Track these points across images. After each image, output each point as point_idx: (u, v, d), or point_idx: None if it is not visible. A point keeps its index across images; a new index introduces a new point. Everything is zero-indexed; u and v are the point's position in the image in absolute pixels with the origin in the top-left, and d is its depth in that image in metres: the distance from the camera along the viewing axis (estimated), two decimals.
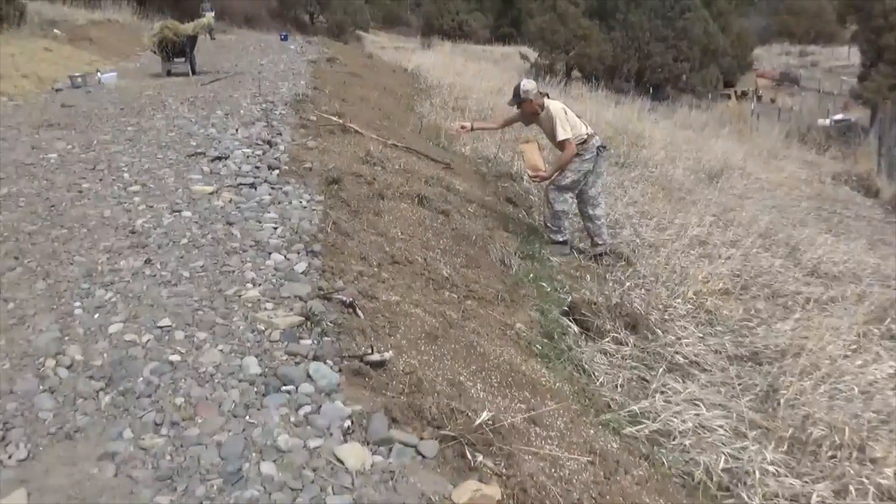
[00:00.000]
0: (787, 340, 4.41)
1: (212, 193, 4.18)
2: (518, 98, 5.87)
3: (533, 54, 29.61)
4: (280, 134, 6.39)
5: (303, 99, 8.45)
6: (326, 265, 3.12)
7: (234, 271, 2.99)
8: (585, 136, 5.88)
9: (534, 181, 6.27)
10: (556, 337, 3.75)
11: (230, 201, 4.04)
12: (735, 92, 37.41)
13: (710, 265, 5.77)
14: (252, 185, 4.41)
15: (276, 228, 3.55)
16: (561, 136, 5.67)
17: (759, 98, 37.84)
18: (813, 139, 17.26)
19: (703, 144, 13.74)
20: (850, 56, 53.28)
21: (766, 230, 7.75)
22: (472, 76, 19.01)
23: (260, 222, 3.65)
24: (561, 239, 5.84)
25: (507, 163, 8.65)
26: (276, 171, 4.96)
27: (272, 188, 4.44)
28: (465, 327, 3.25)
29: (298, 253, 3.21)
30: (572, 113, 5.91)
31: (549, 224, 5.90)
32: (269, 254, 3.18)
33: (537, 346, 3.55)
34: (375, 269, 3.38)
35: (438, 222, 4.79)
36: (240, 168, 4.93)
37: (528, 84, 5.89)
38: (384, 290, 3.09)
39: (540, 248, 5.35)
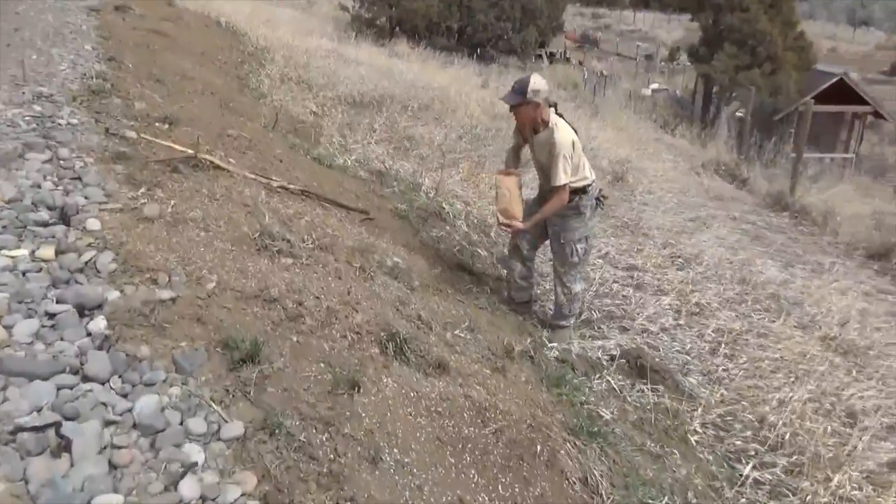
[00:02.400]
0: None
1: None
2: (521, 97, 3.84)
3: (352, 4, 26.53)
4: (81, 181, 3.51)
5: (101, 87, 5.30)
6: None
7: None
8: (590, 183, 3.96)
9: (501, 229, 4.23)
10: None
11: None
12: (546, 53, 37.55)
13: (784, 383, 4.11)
14: (56, 434, 1.73)
15: None
16: (561, 179, 3.88)
17: (567, 60, 38.44)
18: (660, 116, 16.92)
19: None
20: (635, 21, 57.00)
21: (740, 271, 6.38)
22: (303, 34, 15.95)
23: None
24: (573, 322, 4.29)
25: (412, 182, 6.34)
26: (103, 331, 2.26)
27: (105, 449, 1.81)
28: None
29: None
30: (580, 146, 3.92)
31: (565, 311, 4.22)
32: None
33: None
34: None
35: (454, 406, 2.47)
36: (12, 332, 2.15)
37: (540, 82, 3.87)
38: None
39: (587, 414, 3.24)
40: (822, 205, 9.80)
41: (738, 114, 19.26)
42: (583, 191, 4.03)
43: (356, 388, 2.26)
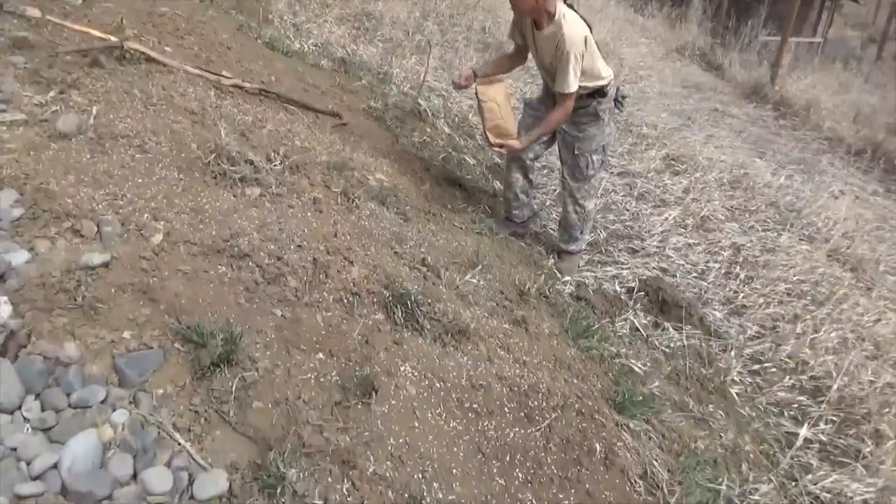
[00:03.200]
0: None
1: None
2: None
3: None
4: None
5: None
6: None
7: None
8: (608, 83, 3.35)
9: (494, 150, 3.52)
10: None
11: None
12: None
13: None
14: None
15: None
16: (569, 85, 3.16)
17: None
18: None
19: None
20: None
21: (735, 174, 5.93)
22: None
23: None
24: (584, 247, 3.79)
25: (381, 72, 5.50)
26: (6, 321, 1.60)
27: None
28: None
29: None
30: (594, 42, 3.21)
31: (575, 233, 3.67)
32: None
33: None
34: None
35: (489, 397, 1.95)
36: None
37: None
38: None
39: (619, 369, 2.77)
40: (802, 96, 9.34)
41: None
42: (600, 93, 3.36)
43: (372, 392, 1.68)
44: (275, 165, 2.81)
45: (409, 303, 2.17)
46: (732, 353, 3.17)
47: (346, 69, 5.38)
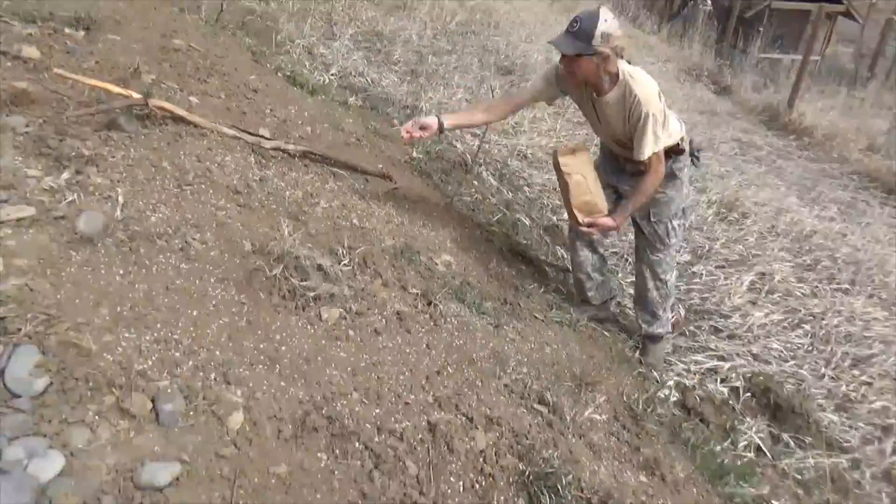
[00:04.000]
0: None
1: None
2: (584, 45, 2.50)
3: None
4: None
5: None
6: None
7: None
8: (682, 137, 2.89)
9: (585, 231, 2.94)
10: None
11: None
12: None
13: None
14: None
15: None
16: (654, 147, 2.69)
17: None
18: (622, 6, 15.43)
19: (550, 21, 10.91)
20: None
21: (782, 220, 5.52)
22: None
23: None
24: (669, 328, 3.27)
25: (408, 105, 4.99)
26: None
27: None
28: None
29: None
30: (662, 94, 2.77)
31: (659, 312, 3.18)
32: None
33: None
34: None
35: None
36: None
37: (612, 24, 2.53)
38: None
39: None
40: (820, 122, 9.05)
41: (704, 7, 18.07)
42: (676, 150, 2.86)
43: None
44: (344, 265, 2.27)
45: (560, 482, 1.66)
46: (868, 474, 2.72)
47: (371, 104, 4.85)
